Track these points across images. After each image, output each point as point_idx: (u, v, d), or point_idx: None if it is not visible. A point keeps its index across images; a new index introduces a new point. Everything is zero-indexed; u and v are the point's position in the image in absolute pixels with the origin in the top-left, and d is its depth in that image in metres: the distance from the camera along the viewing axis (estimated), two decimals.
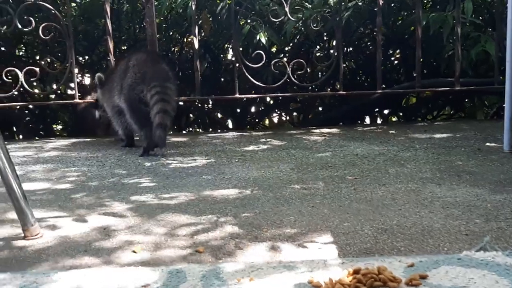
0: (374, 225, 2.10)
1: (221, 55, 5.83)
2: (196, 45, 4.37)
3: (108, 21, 4.28)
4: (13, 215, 2.13)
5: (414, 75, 4.63)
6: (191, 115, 6.14)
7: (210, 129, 5.86)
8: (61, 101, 5.26)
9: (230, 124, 6.11)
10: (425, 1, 5.46)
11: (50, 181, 3.02)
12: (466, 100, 5.84)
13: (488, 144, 3.58)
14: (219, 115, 6.31)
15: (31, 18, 4.21)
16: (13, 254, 1.93)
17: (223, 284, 1.60)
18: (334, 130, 4.41)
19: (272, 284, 1.60)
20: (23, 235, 2.08)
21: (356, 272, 1.60)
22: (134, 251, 1.92)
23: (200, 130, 5.89)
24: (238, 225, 2.17)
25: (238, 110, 5.97)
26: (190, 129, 6.06)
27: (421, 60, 4.61)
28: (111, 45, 4.36)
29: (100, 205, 2.50)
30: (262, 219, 2.22)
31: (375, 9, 4.61)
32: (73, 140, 4.44)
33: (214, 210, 2.38)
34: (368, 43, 5.90)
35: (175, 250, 1.93)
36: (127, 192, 2.72)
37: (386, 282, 1.55)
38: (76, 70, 5.54)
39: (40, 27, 4.17)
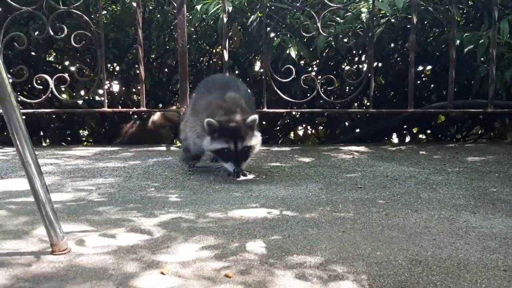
0: (408, 255, 2.04)
1: (250, 67, 5.82)
2: (226, 57, 4.36)
3: (140, 31, 4.29)
4: (41, 228, 2.11)
5: (444, 93, 4.55)
6: None
7: None
8: (90, 109, 5.29)
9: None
10: (458, 19, 5.37)
11: (77, 191, 3.01)
12: (496, 120, 5.73)
13: None
14: None
15: (63, 25, 4.25)
16: (40, 270, 1.91)
17: None
18: (362, 148, 4.34)
19: None
20: (51, 249, 2.06)
21: None
22: (162, 273, 1.89)
23: None
24: (267, 248, 2.12)
25: (264, 123, 5.94)
26: None
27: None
28: (141, 54, 4.37)
29: (127, 220, 2.48)
30: (292, 243, 2.17)
31: (408, 26, 4.55)
32: (100, 148, 4.45)
33: (242, 231, 2.34)
34: (398, 59, 5.83)
35: (203, 273, 1.89)
36: (154, 207, 2.70)
37: None
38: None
39: (72, 36, 4.20)
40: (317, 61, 5.76)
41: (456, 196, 2.89)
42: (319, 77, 4.59)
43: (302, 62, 5.58)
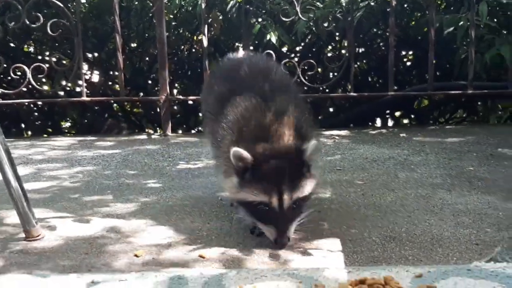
0: (382, 232, 2.05)
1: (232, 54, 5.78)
2: (205, 44, 4.34)
3: (117, 18, 4.26)
4: (15, 215, 2.10)
5: (427, 77, 4.56)
6: (200, 115, 6.10)
7: None
8: (68, 99, 5.24)
9: None
10: (439, 2, 5.37)
11: (54, 180, 2.99)
12: (479, 103, 5.75)
13: (500, 149, 3.50)
14: None
15: (39, 14, 4.20)
16: (13, 256, 1.90)
17: None
18: (343, 133, 4.35)
19: None
20: (24, 236, 2.05)
21: (361, 282, 1.55)
22: (136, 255, 1.89)
23: None
24: (244, 229, 2.12)
25: None
26: (200, 129, 6.02)
27: (434, 62, 4.54)
28: (119, 42, 4.33)
29: (103, 206, 2.47)
30: None
31: (388, 10, 4.54)
32: (80, 138, 4.42)
33: (219, 213, 2.34)
34: (381, 44, 5.83)
35: (178, 254, 1.89)
36: (131, 193, 2.69)
37: None
38: (85, 67, 5.56)
39: (48, 24, 4.15)
40: (300, 47, 5.74)
41: (433, 175, 2.90)
42: (301, 63, 4.57)
43: (285, 49, 5.56)
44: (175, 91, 5.75)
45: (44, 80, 5.37)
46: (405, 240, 1.97)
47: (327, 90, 5.50)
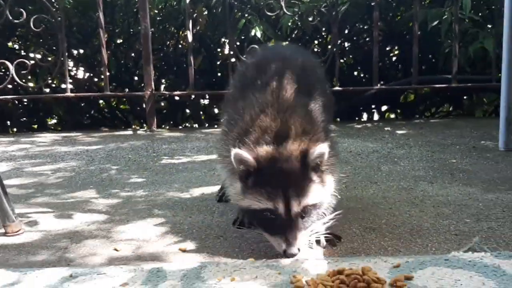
0: (363, 224, 2.06)
1: (218, 50, 5.78)
2: (190, 39, 4.33)
3: (101, 14, 4.23)
4: None
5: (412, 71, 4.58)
6: (187, 110, 6.09)
7: (207, 125, 5.81)
8: (52, 95, 5.20)
9: None
10: None
11: (37, 176, 2.97)
12: (465, 97, 5.79)
13: (483, 142, 3.53)
14: (216, 111, 6.25)
15: (22, 10, 4.16)
16: None
17: (203, 284, 1.56)
18: None
19: (253, 284, 1.56)
20: (3, 231, 2.04)
21: (339, 272, 1.55)
22: (116, 249, 1.88)
23: (196, 126, 5.84)
24: (225, 223, 2.12)
25: None
26: (187, 124, 6.01)
27: (419, 56, 4.56)
28: (104, 38, 4.31)
29: (85, 201, 2.46)
30: None
31: (373, 4, 4.56)
32: (64, 134, 4.41)
33: (201, 207, 2.34)
34: (367, 39, 5.84)
35: (158, 248, 1.88)
36: (114, 188, 2.68)
37: (370, 284, 1.51)
38: (71, 64, 5.53)
39: (32, 19, 4.12)
40: (286, 42, 5.74)
41: (416, 167, 2.92)
42: None
43: (271, 43, 5.55)
44: (162, 86, 5.74)
45: (29, 77, 5.34)
46: (385, 231, 1.98)
47: None
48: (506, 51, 3.20)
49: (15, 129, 5.64)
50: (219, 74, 5.69)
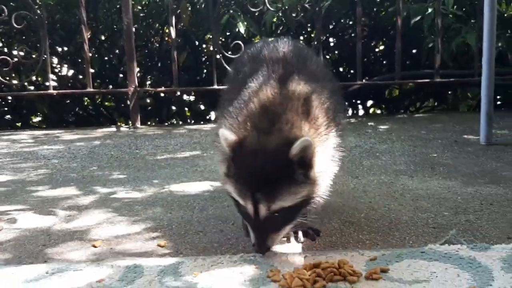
0: (342, 218, 2.07)
1: (203, 46, 5.76)
2: (173, 35, 4.31)
3: (83, 10, 4.21)
4: None
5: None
6: (172, 107, 6.07)
7: (193, 121, 5.80)
8: (35, 92, 5.16)
9: (212, 116, 6.04)
10: None
11: (18, 173, 2.95)
12: (449, 92, 5.82)
13: (465, 136, 3.55)
14: (202, 107, 6.24)
15: (3, 7, 4.13)
16: None
17: (180, 279, 1.56)
18: None
19: (229, 278, 1.56)
20: None
21: (316, 265, 1.56)
22: (94, 246, 1.87)
23: (180, 122, 5.83)
24: (205, 218, 2.12)
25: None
26: (173, 121, 6.00)
27: (403, 51, 4.58)
28: (86, 35, 4.28)
29: (66, 198, 2.44)
30: (230, 212, 2.18)
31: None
32: (47, 131, 4.38)
33: (182, 203, 2.33)
34: (352, 35, 5.85)
35: (137, 244, 1.88)
36: (95, 185, 2.67)
37: (346, 276, 1.51)
38: (55, 61, 5.50)
39: (13, 16, 4.08)
40: (271, 38, 5.74)
41: (397, 162, 2.94)
42: None
43: (257, 40, 5.54)
44: (147, 83, 5.72)
45: (13, 74, 5.30)
46: (363, 225, 1.99)
47: None
48: (486, 45, 3.22)
49: None
50: (204, 70, 5.67)
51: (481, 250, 1.69)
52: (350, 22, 5.75)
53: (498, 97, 5.30)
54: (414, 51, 5.42)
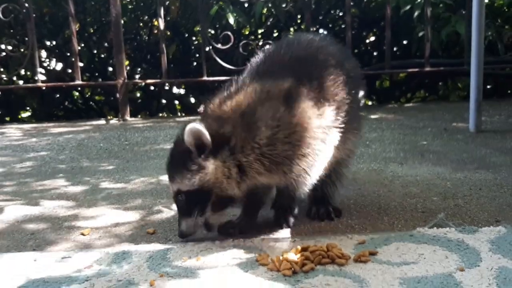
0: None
1: (193, 38, 5.73)
2: (162, 26, 4.28)
3: (71, 2, 4.17)
4: None
5: None
6: (162, 100, 6.04)
7: (183, 114, 5.77)
8: (23, 85, 5.12)
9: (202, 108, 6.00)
10: None
11: (5, 166, 2.93)
12: (440, 83, 5.83)
13: (455, 124, 3.56)
14: (192, 100, 6.21)
15: None
16: None
17: (168, 265, 1.55)
18: None
19: (218, 263, 1.56)
20: None
21: (304, 249, 1.56)
22: (82, 234, 1.86)
23: (171, 115, 5.80)
24: None
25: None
26: (164, 113, 5.96)
27: (393, 41, 4.58)
28: (74, 27, 4.25)
29: (54, 189, 2.43)
30: None
31: None
32: (35, 124, 4.34)
33: (170, 192, 2.32)
34: (342, 26, 5.85)
35: (126, 232, 1.87)
36: (84, 175, 2.65)
37: (335, 259, 1.52)
38: (44, 55, 5.45)
39: (0, 8, 4.04)
40: (262, 30, 5.72)
41: (387, 150, 2.94)
42: (260, 43, 4.57)
43: (247, 32, 5.53)
44: (136, 76, 5.68)
45: (1, 69, 5.26)
46: (353, 210, 1.99)
47: None
48: (475, 33, 3.23)
49: None
50: (194, 63, 5.65)
51: (470, 233, 1.70)
52: (340, 13, 5.74)
53: (488, 86, 5.31)
54: (404, 42, 5.42)
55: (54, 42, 5.58)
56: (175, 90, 5.84)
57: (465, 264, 1.48)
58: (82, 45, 5.35)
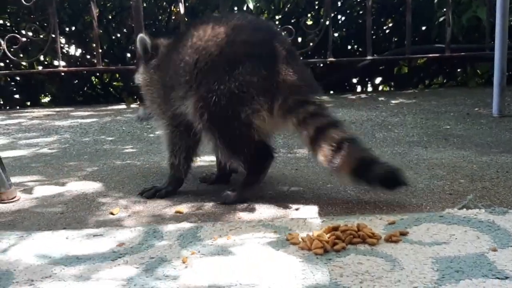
0: (357, 187, 2.06)
1: None
2: (182, 10, 4.28)
3: None
4: None
5: (406, 42, 4.56)
6: None
7: None
8: (44, 70, 5.15)
9: None
10: None
11: (31, 148, 2.96)
12: (458, 70, 5.78)
13: (477, 109, 3.53)
14: None
15: None
16: None
17: (200, 243, 1.57)
18: (323, 98, 4.34)
19: (248, 241, 1.56)
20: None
21: (335, 229, 1.56)
22: (112, 213, 1.88)
23: None
24: (219, 186, 2.12)
25: None
26: None
27: (413, 27, 4.54)
28: (95, 12, 4.26)
29: (80, 170, 2.45)
30: None
31: None
32: (58, 108, 4.38)
33: (196, 174, 2.33)
34: (360, 12, 5.81)
35: (154, 211, 1.89)
36: (108, 157, 2.67)
37: (365, 239, 1.52)
38: (63, 41, 5.48)
39: None
40: (280, 16, 5.70)
41: (410, 134, 2.93)
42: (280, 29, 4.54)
43: (265, 17, 5.51)
44: None
45: (21, 55, 5.29)
46: (380, 192, 1.99)
47: (306, 58, 5.48)
48: (499, 17, 3.19)
49: (7, 108, 5.61)
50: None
51: (500, 214, 1.69)
52: (358, 1, 5.70)
53: (511, 72, 5.25)
54: (423, 28, 5.37)
55: (73, 28, 5.61)
56: None
57: (497, 244, 1.48)
58: (101, 30, 5.37)
